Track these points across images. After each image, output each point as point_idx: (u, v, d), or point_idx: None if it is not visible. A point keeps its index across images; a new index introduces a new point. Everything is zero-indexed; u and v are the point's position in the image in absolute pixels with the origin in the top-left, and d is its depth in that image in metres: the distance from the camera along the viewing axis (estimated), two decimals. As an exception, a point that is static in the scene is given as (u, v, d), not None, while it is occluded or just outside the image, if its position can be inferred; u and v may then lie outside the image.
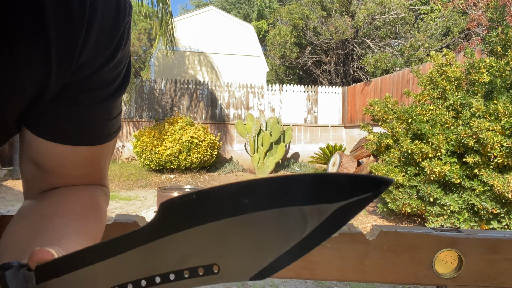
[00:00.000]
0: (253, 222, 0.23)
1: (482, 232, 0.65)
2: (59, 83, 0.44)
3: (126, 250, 0.26)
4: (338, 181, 0.22)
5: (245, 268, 0.25)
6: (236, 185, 0.23)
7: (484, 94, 3.91)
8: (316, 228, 0.23)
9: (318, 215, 0.23)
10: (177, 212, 0.24)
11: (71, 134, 0.48)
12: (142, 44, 22.25)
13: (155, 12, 7.98)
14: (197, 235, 0.24)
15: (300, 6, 13.01)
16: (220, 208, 0.23)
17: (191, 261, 0.25)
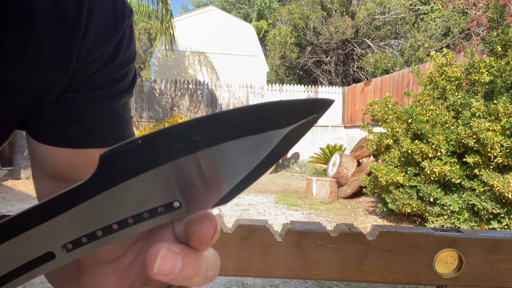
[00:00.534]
0: (207, 157, 0.23)
1: (482, 232, 0.65)
2: (55, 91, 0.43)
3: (68, 209, 0.24)
4: (286, 107, 0.23)
5: (205, 199, 0.25)
6: (185, 124, 0.22)
7: (484, 94, 3.91)
8: (269, 153, 0.24)
9: (270, 141, 0.24)
10: (121, 160, 0.23)
11: (76, 136, 0.46)
12: (142, 44, 22.24)
13: (155, 11, 7.98)
14: (150, 179, 0.24)
15: (300, 6, 13.01)
16: (170, 150, 0.23)
17: (148, 203, 0.25)
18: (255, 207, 5.49)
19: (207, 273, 0.25)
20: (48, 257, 0.26)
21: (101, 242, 0.26)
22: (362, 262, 0.64)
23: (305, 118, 0.23)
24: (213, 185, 0.25)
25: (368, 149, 5.04)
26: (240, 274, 0.65)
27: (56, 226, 0.25)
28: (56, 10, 0.40)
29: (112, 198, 0.24)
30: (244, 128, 0.23)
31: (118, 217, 0.25)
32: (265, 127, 0.23)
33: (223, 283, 2.82)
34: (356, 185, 6.07)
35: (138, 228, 0.26)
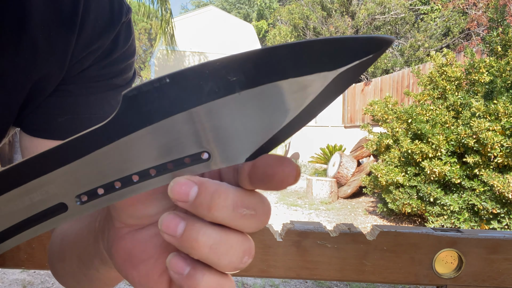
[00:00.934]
0: (244, 101, 0.20)
1: (482, 232, 0.65)
2: (50, 86, 0.43)
3: (84, 155, 0.21)
4: (337, 45, 0.19)
5: (239, 150, 0.22)
6: (219, 61, 0.20)
7: (484, 94, 3.91)
8: (316, 97, 0.21)
9: (318, 84, 0.20)
10: (147, 101, 0.20)
11: (69, 128, 0.45)
12: (142, 44, 22.25)
13: (155, 11, 7.98)
14: (177, 124, 0.21)
15: (300, 6, 13.01)
16: (202, 91, 0.20)
17: (173, 152, 0.22)
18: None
19: (239, 210, 0.22)
20: (60, 209, 0.23)
21: (118, 194, 0.23)
22: (362, 262, 0.64)
23: (359, 59, 0.20)
24: (248, 134, 0.21)
25: (368, 149, 5.04)
26: (240, 274, 0.65)
27: (70, 173, 0.22)
28: (52, 7, 0.40)
29: (133, 144, 0.21)
30: (287, 69, 0.20)
31: (139, 166, 0.22)
32: (311, 68, 0.20)
33: (223, 283, 2.82)
34: (356, 185, 6.07)
35: (160, 181, 0.23)
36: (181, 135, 0.21)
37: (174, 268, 0.23)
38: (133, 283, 0.27)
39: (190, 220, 0.22)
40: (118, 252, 0.28)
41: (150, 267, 0.27)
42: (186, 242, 0.22)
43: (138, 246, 0.27)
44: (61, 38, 0.41)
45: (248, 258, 0.24)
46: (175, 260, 0.23)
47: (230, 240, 0.23)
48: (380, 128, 5.01)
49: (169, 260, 0.23)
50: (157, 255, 0.27)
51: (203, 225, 0.22)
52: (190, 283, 0.23)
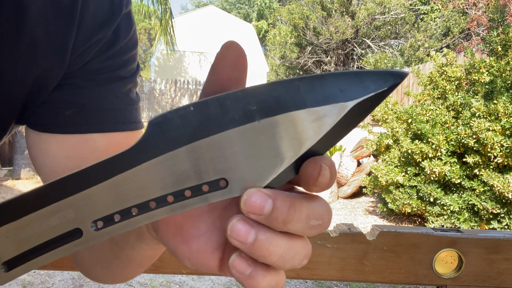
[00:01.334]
0: (263, 130, 0.21)
1: (482, 232, 0.65)
2: (52, 81, 0.42)
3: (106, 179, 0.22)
4: (354, 78, 0.21)
5: (256, 178, 0.22)
6: (242, 92, 0.20)
7: (484, 94, 3.91)
8: (332, 128, 0.21)
9: (334, 114, 0.21)
10: (171, 128, 0.21)
11: (78, 121, 0.44)
12: (142, 44, 22.25)
13: (155, 12, 7.98)
14: (198, 150, 0.21)
15: (300, 6, 13.01)
16: (224, 119, 0.21)
17: (192, 179, 0.22)
18: (255, 207, 5.49)
19: (310, 221, 0.23)
20: (75, 234, 0.23)
21: (134, 221, 0.23)
22: (362, 262, 0.64)
23: (375, 91, 0.21)
24: (266, 162, 0.22)
25: (368, 149, 5.04)
26: (240, 274, 0.65)
27: (91, 197, 0.22)
28: (51, 1, 0.39)
29: (154, 169, 0.21)
30: (305, 99, 0.21)
31: (158, 193, 0.22)
32: (329, 98, 0.21)
33: (223, 283, 2.82)
34: (356, 185, 6.07)
35: (176, 208, 0.23)
36: (200, 162, 0.22)
37: (237, 268, 0.24)
38: (183, 257, 0.27)
39: (261, 229, 0.23)
40: (167, 226, 0.27)
41: (202, 244, 0.27)
42: (257, 251, 0.23)
43: (189, 221, 0.27)
44: (61, 31, 0.40)
45: (306, 260, 0.25)
46: (238, 261, 0.24)
47: (296, 247, 0.24)
48: (380, 128, 5.01)
49: (232, 261, 0.24)
50: (209, 232, 0.27)
51: (274, 234, 0.23)
52: (251, 282, 0.24)
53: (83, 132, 0.44)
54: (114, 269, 0.40)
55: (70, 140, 0.44)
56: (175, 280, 2.82)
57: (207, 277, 2.85)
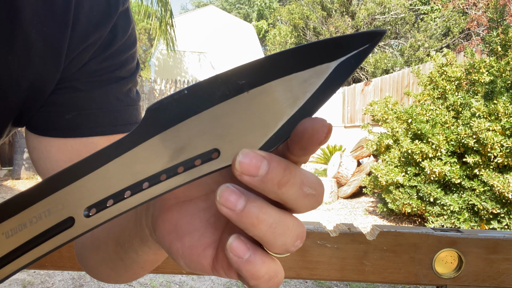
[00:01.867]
0: (252, 98, 0.22)
1: (482, 232, 0.65)
2: (49, 84, 0.42)
3: (96, 168, 0.22)
4: (337, 41, 0.22)
5: (247, 144, 0.23)
6: (231, 70, 0.22)
7: (484, 94, 3.91)
8: (318, 88, 0.22)
9: (319, 75, 0.22)
10: (167, 111, 0.22)
11: (77, 124, 0.44)
12: (142, 44, 22.25)
13: (155, 12, 7.98)
14: (189, 126, 0.22)
15: (300, 6, 13.01)
16: (215, 95, 0.22)
17: (184, 154, 0.23)
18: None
19: (304, 188, 0.22)
20: (67, 224, 0.23)
21: (127, 203, 0.23)
22: (362, 262, 0.64)
23: (356, 49, 0.22)
24: (256, 128, 0.23)
25: (368, 149, 5.04)
26: (240, 274, 0.65)
27: (80, 187, 0.22)
28: (44, 2, 0.39)
29: (146, 151, 0.22)
30: (290, 66, 0.22)
31: (151, 171, 0.23)
32: (313, 61, 0.22)
33: (223, 283, 2.82)
34: (356, 185, 6.07)
35: (169, 186, 0.23)
36: (192, 138, 0.23)
37: (235, 252, 0.23)
38: (176, 254, 0.27)
39: (251, 196, 0.22)
40: (164, 223, 0.28)
41: (195, 240, 0.27)
42: (246, 218, 0.21)
43: (185, 218, 0.27)
44: (55, 33, 0.40)
45: (300, 242, 0.24)
46: (236, 243, 0.23)
47: (288, 222, 0.23)
48: (380, 128, 5.01)
49: (230, 243, 0.23)
50: (203, 229, 0.27)
51: (264, 202, 0.22)
52: (249, 267, 0.23)
53: (83, 135, 0.44)
54: (119, 270, 0.40)
55: (71, 144, 0.44)
56: (175, 280, 2.82)
57: (207, 277, 2.85)
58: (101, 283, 2.69)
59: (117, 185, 0.23)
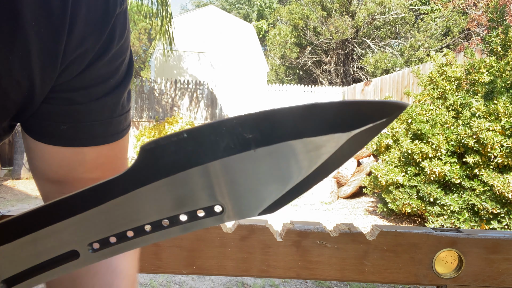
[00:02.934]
0: (258, 158, 0.21)
1: (482, 232, 0.65)
2: (46, 85, 0.42)
3: (100, 203, 0.22)
4: (352, 108, 0.20)
5: (252, 204, 0.22)
6: (236, 119, 0.20)
7: (484, 94, 3.91)
8: (329, 157, 0.21)
9: (331, 144, 0.21)
10: (164, 155, 0.21)
11: (71, 135, 0.46)
12: (142, 44, 22.24)
13: (155, 12, 7.98)
14: (192, 178, 0.21)
15: (300, 6, 13.01)
16: (218, 147, 0.21)
17: (187, 205, 0.22)
18: (255, 207, 5.49)
19: None
20: (72, 256, 0.24)
21: (130, 244, 0.23)
22: (362, 262, 0.64)
23: (372, 122, 0.20)
24: (262, 190, 0.22)
25: (368, 149, 5.04)
26: (240, 274, 0.65)
27: (84, 222, 0.22)
28: (41, 3, 0.39)
29: (148, 195, 0.22)
30: (302, 129, 0.20)
31: (153, 217, 0.23)
32: (326, 129, 0.20)
33: (223, 283, 2.82)
34: (356, 185, 6.07)
35: (172, 232, 0.23)
36: (195, 188, 0.22)
37: None
38: None
39: None
40: None
41: None
42: None
43: None
44: (52, 34, 0.40)
45: None
46: None
47: None
48: (380, 128, 5.00)
49: None
50: None
51: None
52: None
53: (76, 145, 0.46)
54: None
55: (63, 152, 0.46)
56: (175, 280, 2.82)
57: (207, 277, 2.85)
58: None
59: (119, 225, 0.23)
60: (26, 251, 0.23)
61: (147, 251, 0.66)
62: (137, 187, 0.22)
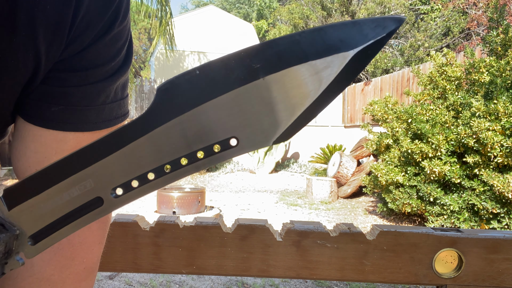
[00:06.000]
0: (268, 86, 0.22)
1: (482, 232, 0.65)
2: (50, 60, 0.41)
3: (122, 147, 0.23)
4: (352, 28, 0.21)
5: (265, 133, 0.23)
6: (244, 51, 0.21)
7: (484, 94, 3.91)
8: (335, 79, 0.22)
9: (335, 65, 0.21)
10: (179, 92, 0.22)
11: (61, 118, 0.44)
12: (142, 44, 22.23)
13: (155, 11, 7.97)
14: (207, 112, 0.22)
15: (300, 6, 13.01)
16: (229, 79, 0.21)
17: (204, 140, 0.23)
18: (255, 207, 5.49)
19: None
20: (96, 203, 0.24)
21: (151, 186, 0.24)
22: (362, 262, 0.64)
23: (374, 39, 0.21)
24: (274, 117, 0.23)
25: (368, 149, 5.04)
26: (240, 273, 0.65)
27: (108, 166, 0.23)
28: None
29: (166, 134, 0.22)
30: (306, 53, 0.21)
31: (172, 156, 0.23)
32: (329, 50, 0.21)
33: (223, 283, 2.82)
34: (356, 184, 6.06)
35: (191, 170, 0.24)
36: (210, 123, 0.22)
37: None
38: None
39: None
40: None
41: None
42: None
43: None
44: (58, 10, 0.39)
45: None
46: None
47: None
48: (380, 128, 5.00)
49: None
50: None
51: None
52: None
53: (63, 129, 0.44)
54: None
55: (45, 136, 0.44)
56: (175, 279, 2.82)
57: (207, 277, 2.85)
58: (101, 282, 2.69)
59: (140, 167, 0.23)
60: (49, 204, 0.24)
61: (147, 251, 0.66)
62: (156, 127, 0.22)
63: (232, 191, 6.87)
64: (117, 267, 0.67)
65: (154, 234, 0.66)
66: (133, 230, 0.66)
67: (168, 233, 0.65)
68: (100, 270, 0.64)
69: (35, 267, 0.46)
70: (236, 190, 6.98)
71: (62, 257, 0.47)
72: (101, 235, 0.51)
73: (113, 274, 2.81)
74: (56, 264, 0.47)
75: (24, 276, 0.45)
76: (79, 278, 0.49)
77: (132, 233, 0.66)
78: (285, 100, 0.22)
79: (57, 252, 0.46)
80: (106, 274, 2.81)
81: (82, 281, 0.49)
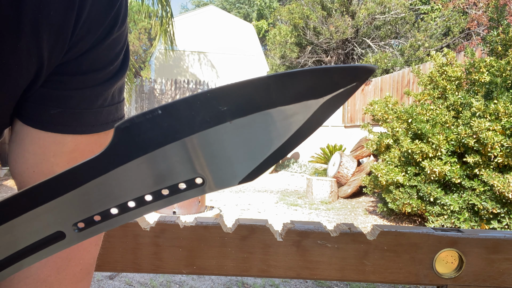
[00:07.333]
0: (235, 130, 0.21)
1: (483, 232, 0.65)
2: (52, 64, 0.42)
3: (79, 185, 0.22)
4: (322, 74, 0.21)
5: (232, 173, 0.23)
6: (210, 92, 0.20)
7: (484, 94, 3.90)
8: (304, 123, 0.22)
9: (304, 112, 0.21)
10: (140, 132, 0.21)
11: (60, 121, 0.45)
12: (142, 44, 22.24)
13: (155, 11, 7.97)
14: (170, 153, 0.22)
15: (300, 6, 13.01)
16: (194, 121, 0.21)
17: (168, 179, 0.23)
18: (255, 207, 5.50)
19: None
20: (58, 237, 0.24)
21: (115, 221, 0.24)
22: (362, 262, 0.63)
23: (343, 87, 0.21)
24: (240, 159, 0.23)
25: (368, 149, 5.04)
26: (240, 274, 0.65)
27: (67, 203, 0.23)
28: None
29: (128, 173, 0.22)
30: (275, 98, 0.21)
31: (135, 194, 0.23)
32: (299, 96, 0.21)
33: (223, 283, 2.82)
34: (356, 185, 6.06)
35: (156, 206, 0.24)
36: (174, 163, 0.22)
37: None
38: None
39: None
40: None
41: None
42: None
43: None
44: (61, 16, 0.40)
45: None
46: None
47: None
48: (380, 128, 5.00)
49: None
50: None
51: None
52: None
53: (62, 132, 0.45)
54: None
55: (43, 138, 0.45)
56: (175, 279, 2.82)
57: (207, 277, 2.85)
58: (101, 282, 2.69)
59: (102, 203, 0.23)
60: (8, 237, 0.23)
61: (148, 251, 0.66)
62: (116, 166, 0.22)
63: (232, 191, 6.87)
64: (117, 267, 0.67)
65: (154, 234, 0.66)
66: (133, 230, 0.66)
67: (169, 233, 0.65)
68: (100, 270, 0.64)
69: (31, 269, 0.46)
70: (236, 190, 6.98)
71: (58, 258, 0.47)
72: (97, 236, 0.51)
73: (113, 274, 2.81)
74: (52, 266, 0.47)
75: (20, 278, 0.45)
76: (76, 279, 0.49)
77: (132, 233, 0.66)
78: (253, 143, 0.22)
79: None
80: (106, 274, 2.81)
81: (79, 282, 0.49)
